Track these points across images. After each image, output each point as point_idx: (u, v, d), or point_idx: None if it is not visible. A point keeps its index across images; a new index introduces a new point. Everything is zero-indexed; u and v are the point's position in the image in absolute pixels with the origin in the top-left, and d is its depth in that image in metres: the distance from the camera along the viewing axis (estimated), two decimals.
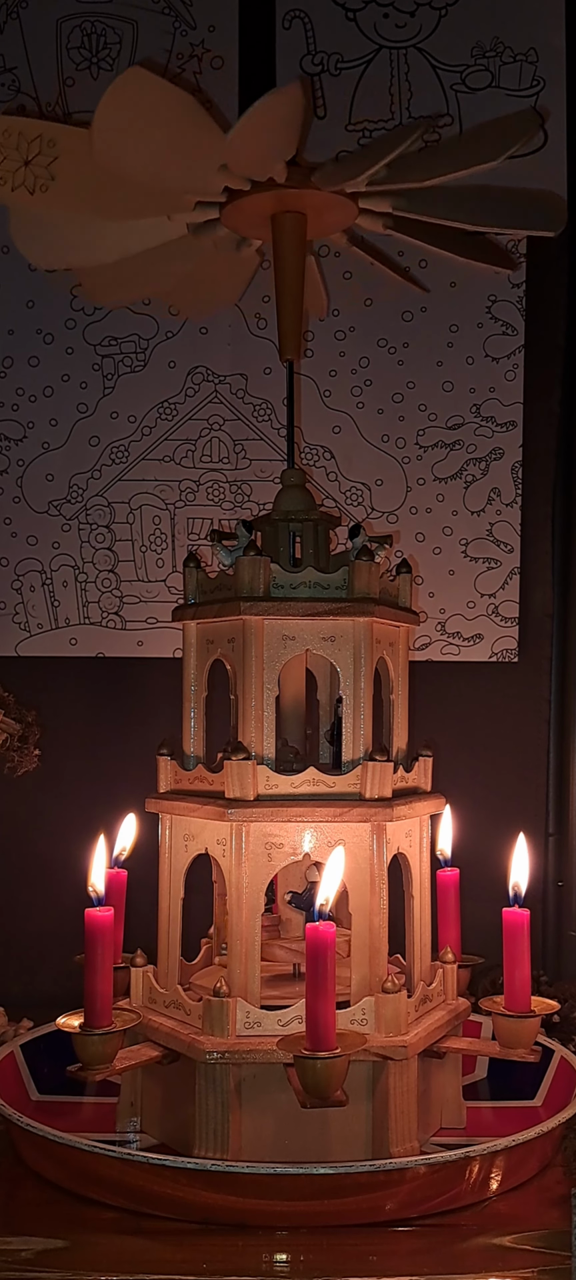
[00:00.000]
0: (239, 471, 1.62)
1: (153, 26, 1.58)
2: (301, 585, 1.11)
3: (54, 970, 1.53)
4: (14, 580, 1.62)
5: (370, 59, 1.59)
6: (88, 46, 1.58)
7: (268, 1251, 0.91)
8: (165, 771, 1.18)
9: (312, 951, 0.95)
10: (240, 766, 1.07)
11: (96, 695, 1.64)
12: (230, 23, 1.59)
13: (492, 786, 1.62)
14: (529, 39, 1.58)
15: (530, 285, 1.61)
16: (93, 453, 1.62)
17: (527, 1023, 1.07)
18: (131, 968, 1.17)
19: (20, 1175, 1.05)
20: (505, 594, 1.62)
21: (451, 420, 1.62)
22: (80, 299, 1.58)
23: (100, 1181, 0.99)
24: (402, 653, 1.19)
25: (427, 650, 1.62)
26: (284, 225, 1.20)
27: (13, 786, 1.55)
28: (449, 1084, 1.17)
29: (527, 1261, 0.91)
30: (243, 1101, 1.04)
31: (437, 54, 1.58)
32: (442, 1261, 0.91)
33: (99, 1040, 1.01)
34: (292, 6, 1.59)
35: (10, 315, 1.60)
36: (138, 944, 1.19)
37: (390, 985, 1.05)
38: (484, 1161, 0.99)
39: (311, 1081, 0.94)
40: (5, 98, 1.58)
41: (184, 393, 1.61)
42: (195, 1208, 0.95)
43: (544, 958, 1.62)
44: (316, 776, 1.09)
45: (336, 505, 1.61)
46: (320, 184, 1.16)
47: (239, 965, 1.07)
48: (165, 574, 1.62)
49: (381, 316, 1.60)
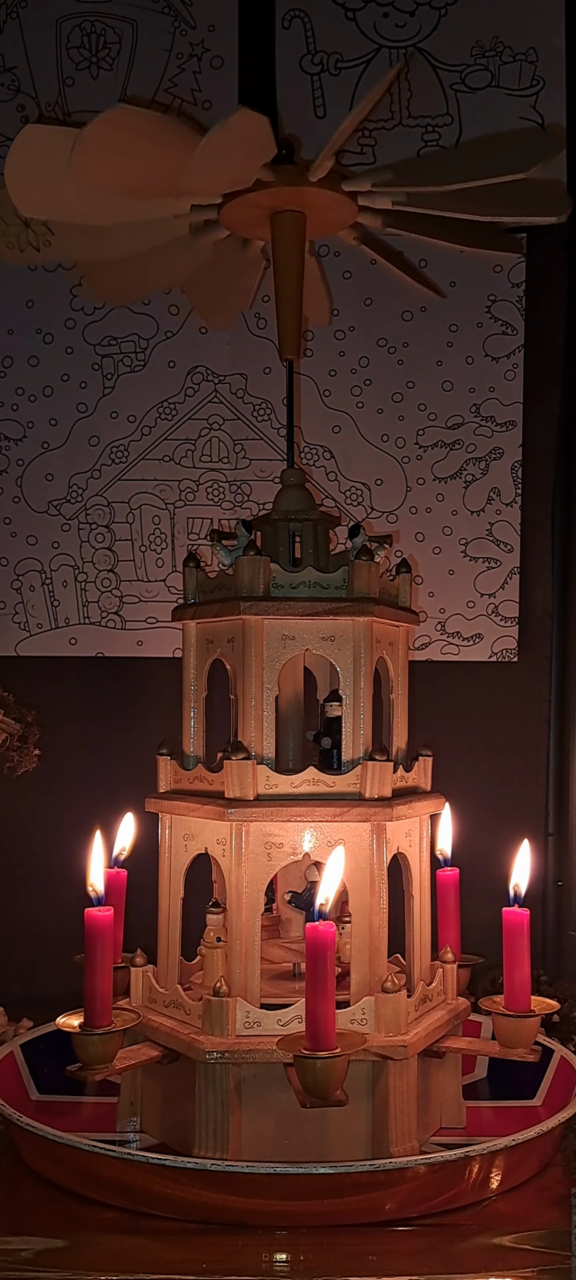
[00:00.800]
0: (239, 471, 1.62)
1: (152, 26, 1.58)
2: (301, 585, 1.11)
3: (54, 970, 1.53)
4: (14, 580, 1.62)
5: (370, 59, 1.59)
6: (88, 46, 1.58)
7: (268, 1251, 0.91)
8: (165, 771, 1.18)
9: (312, 951, 0.95)
10: (240, 766, 1.07)
11: (96, 695, 1.64)
12: (230, 23, 1.59)
13: (492, 786, 1.62)
14: (529, 39, 1.58)
15: (530, 285, 1.61)
16: (92, 452, 1.62)
17: (527, 1022, 1.07)
18: (131, 967, 1.17)
19: (20, 1175, 1.05)
20: (505, 594, 1.62)
21: (451, 420, 1.62)
22: (80, 299, 1.58)
23: (100, 1181, 0.98)
24: (402, 652, 1.19)
25: (427, 650, 1.62)
26: (283, 224, 1.20)
27: (13, 786, 1.55)
28: (449, 1084, 1.17)
29: (527, 1261, 0.91)
30: (242, 1101, 1.04)
31: (437, 54, 1.58)
32: (442, 1261, 0.91)
33: (99, 1040, 1.01)
34: (292, 6, 1.59)
35: (10, 315, 1.60)
36: (137, 944, 1.19)
37: (390, 985, 1.05)
38: (484, 1161, 0.99)
39: (311, 1081, 0.94)
40: (5, 98, 1.58)
41: (184, 392, 1.61)
42: (195, 1207, 0.95)
43: (543, 957, 1.62)
44: (316, 776, 1.09)
45: (336, 505, 1.61)
46: (317, 175, 1.16)
47: (239, 965, 1.07)
48: (165, 574, 1.62)
49: (381, 316, 1.60)
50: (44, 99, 1.58)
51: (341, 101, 1.58)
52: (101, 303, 1.57)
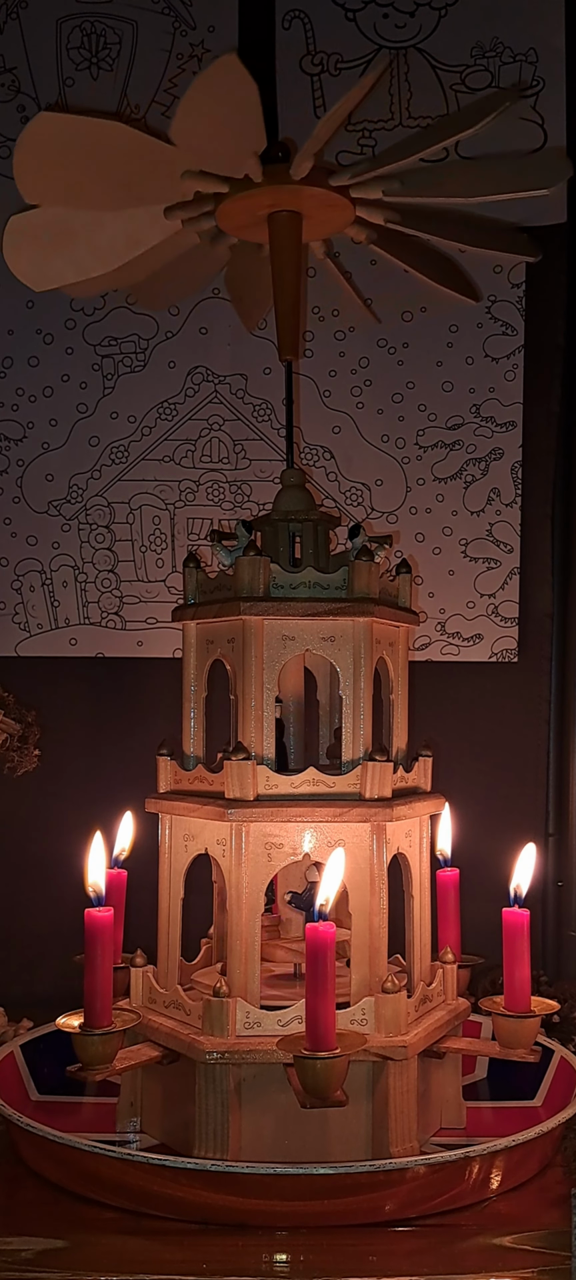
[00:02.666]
0: (239, 471, 1.62)
1: (152, 26, 1.58)
2: (301, 585, 1.11)
3: (54, 970, 1.53)
4: (14, 580, 1.62)
5: (370, 59, 1.59)
6: (88, 46, 1.58)
7: (267, 1251, 0.91)
8: (165, 771, 1.18)
9: (312, 951, 0.95)
10: (240, 766, 1.07)
11: (96, 695, 1.64)
12: (230, 23, 1.59)
13: (492, 786, 1.62)
14: (529, 39, 1.58)
15: (530, 285, 1.61)
16: (92, 453, 1.62)
17: (527, 1023, 1.07)
18: (131, 968, 1.17)
19: (20, 1175, 1.05)
20: (505, 594, 1.62)
21: (451, 420, 1.62)
22: (80, 300, 1.58)
23: (100, 1181, 0.98)
24: (402, 653, 1.19)
25: (427, 650, 1.62)
26: (280, 224, 1.20)
27: (13, 786, 1.55)
28: (449, 1084, 1.17)
29: (527, 1261, 0.91)
30: (242, 1101, 1.04)
31: (437, 54, 1.58)
32: (442, 1261, 0.91)
33: (99, 1040, 1.01)
34: (292, 6, 1.59)
35: (10, 315, 1.60)
36: (138, 944, 1.19)
37: (390, 985, 1.05)
38: (484, 1161, 0.99)
39: (311, 1081, 0.94)
40: (5, 98, 1.58)
41: (184, 393, 1.62)
42: (195, 1208, 0.95)
43: (544, 958, 1.61)
44: (316, 776, 1.09)
45: (336, 505, 1.61)
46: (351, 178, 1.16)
47: (239, 965, 1.07)
48: (165, 574, 1.62)
49: (381, 316, 1.60)
50: (44, 99, 1.58)
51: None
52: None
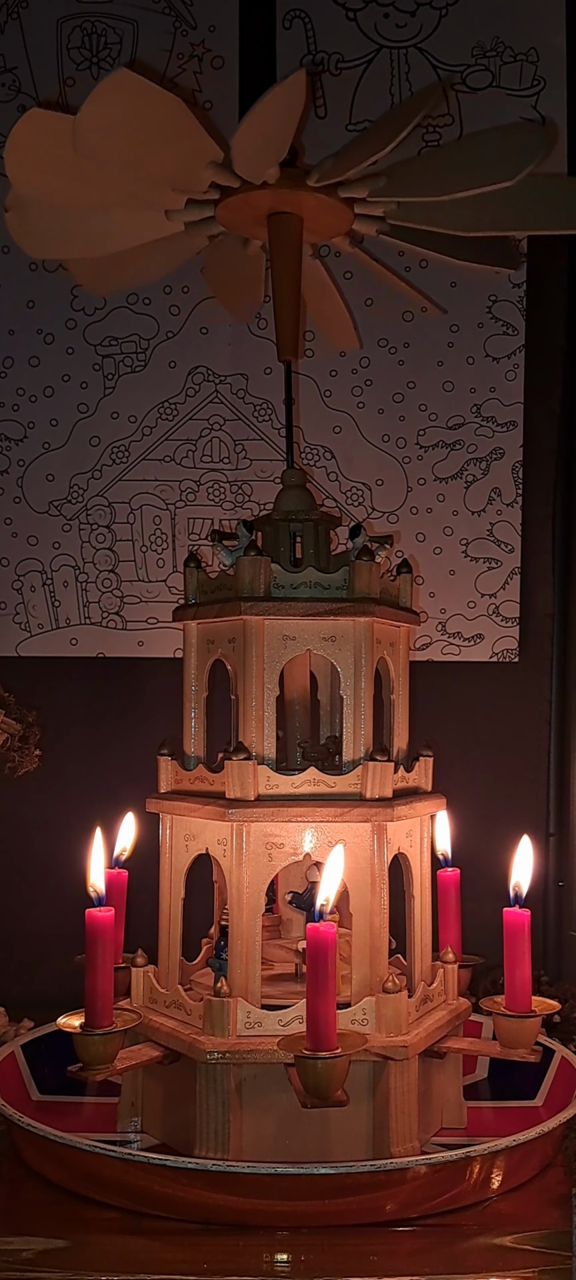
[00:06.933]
0: (239, 471, 1.62)
1: (153, 26, 1.58)
2: (302, 585, 1.11)
3: (54, 970, 1.53)
4: (14, 580, 1.62)
5: (370, 59, 1.59)
6: (88, 46, 1.58)
7: (268, 1251, 0.91)
8: (166, 771, 1.18)
9: (313, 951, 0.95)
10: (241, 766, 1.07)
11: (97, 695, 1.64)
12: (230, 23, 1.59)
13: (493, 786, 1.62)
14: (529, 39, 1.58)
15: (530, 285, 1.61)
16: (93, 453, 1.62)
17: (528, 1023, 1.07)
18: (132, 968, 1.17)
19: (21, 1175, 1.05)
20: (505, 594, 1.62)
21: (452, 420, 1.62)
22: (81, 299, 1.58)
23: (101, 1181, 0.99)
24: (403, 653, 1.19)
25: (428, 650, 1.62)
26: (280, 226, 1.20)
27: (13, 786, 1.55)
28: (449, 1084, 1.17)
29: (528, 1261, 0.91)
30: (243, 1101, 1.04)
31: (438, 54, 1.58)
32: (443, 1261, 0.91)
33: (100, 1040, 1.01)
34: (293, 6, 1.59)
35: (10, 315, 1.60)
36: (138, 944, 1.19)
37: (391, 985, 1.05)
38: (484, 1161, 0.99)
39: (312, 1081, 0.94)
40: (6, 98, 1.58)
41: (184, 393, 1.61)
42: (196, 1208, 0.95)
43: (544, 958, 1.61)
44: (317, 776, 1.09)
45: (337, 505, 1.61)
46: (318, 180, 1.16)
47: (239, 965, 1.07)
48: (166, 574, 1.62)
49: (381, 316, 1.60)
50: (44, 99, 1.58)
51: (342, 102, 1.58)
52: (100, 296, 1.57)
